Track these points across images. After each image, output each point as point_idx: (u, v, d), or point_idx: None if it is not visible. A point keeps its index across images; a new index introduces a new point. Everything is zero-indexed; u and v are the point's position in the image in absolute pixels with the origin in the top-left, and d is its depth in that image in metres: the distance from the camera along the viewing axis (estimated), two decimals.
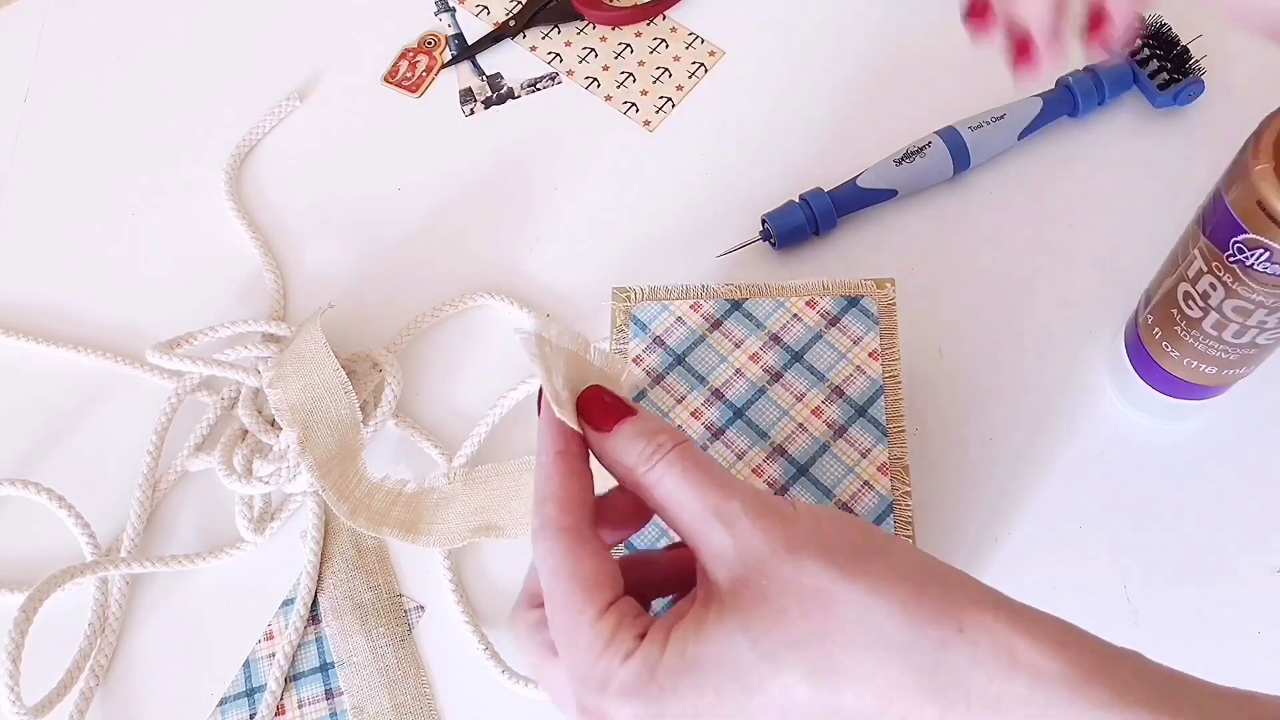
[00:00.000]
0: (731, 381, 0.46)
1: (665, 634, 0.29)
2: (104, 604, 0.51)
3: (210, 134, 0.65)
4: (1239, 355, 0.43)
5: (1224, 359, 0.43)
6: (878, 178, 0.56)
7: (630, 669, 0.29)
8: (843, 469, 0.44)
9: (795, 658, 0.27)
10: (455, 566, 0.51)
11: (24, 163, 0.66)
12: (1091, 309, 0.54)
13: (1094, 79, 0.57)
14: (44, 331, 0.59)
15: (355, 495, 0.52)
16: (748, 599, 0.28)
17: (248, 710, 0.49)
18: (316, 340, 0.53)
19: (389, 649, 0.50)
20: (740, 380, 0.46)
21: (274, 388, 0.53)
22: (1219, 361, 0.44)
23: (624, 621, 0.30)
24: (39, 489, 0.53)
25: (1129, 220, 0.56)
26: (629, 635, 0.29)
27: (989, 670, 0.27)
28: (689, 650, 0.28)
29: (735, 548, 0.29)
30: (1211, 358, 0.44)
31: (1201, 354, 0.44)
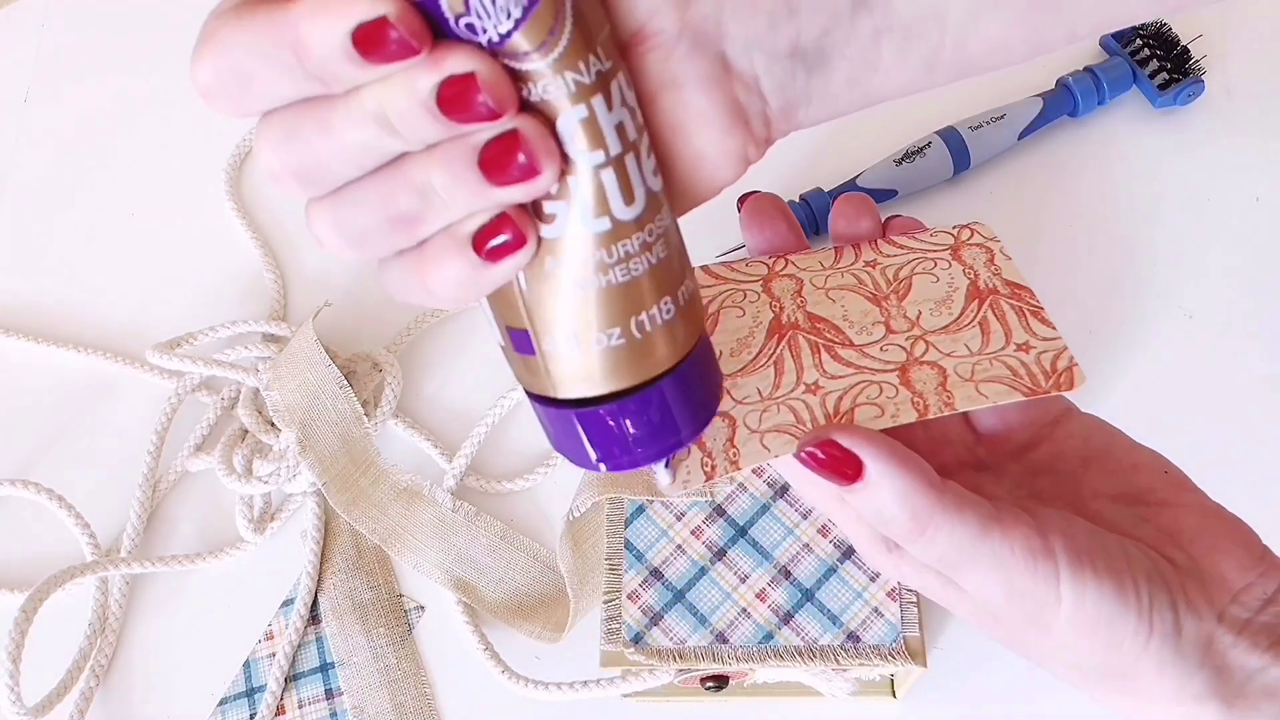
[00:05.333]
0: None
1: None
2: (104, 604, 0.51)
3: (210, 134, 0.65)
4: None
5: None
6: (878, 178, 0.56)
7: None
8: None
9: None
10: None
11: (24, 163, 0.66)
12: (1092, 309, 0.54)
13: (1094, 79, 0.57)
14: (44, 331, 0.59)
15: (359, 485, 0.52)
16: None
17: (248, 710, 0.49)
18: (309, 339, 0.53)
19: (389, 649, 0.50)
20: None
21: (271, 389, 0.53)
22: None
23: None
24: (39, 489, 0.53)
25: (1129, 220, 0.56)
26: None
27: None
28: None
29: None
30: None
31: None
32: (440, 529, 0.51)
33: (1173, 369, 0.52)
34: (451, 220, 0.24)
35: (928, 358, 0.32)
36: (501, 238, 0.24)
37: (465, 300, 0.26)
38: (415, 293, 0.26)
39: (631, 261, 0.25)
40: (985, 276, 0.34)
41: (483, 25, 0.22)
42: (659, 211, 0.26)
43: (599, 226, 0.25)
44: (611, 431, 0.28)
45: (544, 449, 0.54)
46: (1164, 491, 0.32)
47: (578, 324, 0.26)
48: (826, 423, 0.30)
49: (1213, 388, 0.51)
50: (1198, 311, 0.53)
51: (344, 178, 0.24)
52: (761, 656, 0.40)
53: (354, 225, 0.25)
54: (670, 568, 0.42)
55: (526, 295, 0.26)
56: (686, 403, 0.28)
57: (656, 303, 0.26)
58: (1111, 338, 0.53)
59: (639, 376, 0.27)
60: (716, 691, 0.43)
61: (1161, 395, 0.51)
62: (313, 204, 0.25)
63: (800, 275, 0.36)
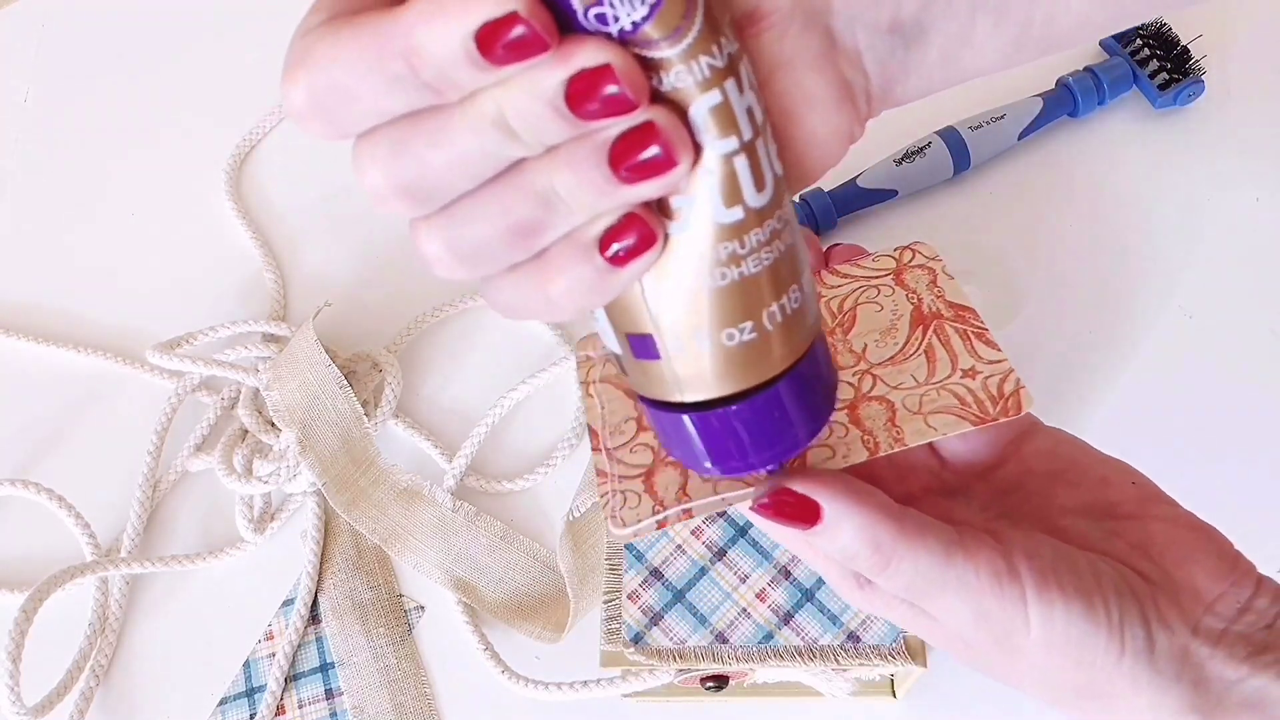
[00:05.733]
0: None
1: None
2: (104, 604, 0.51)
3: (210, 134, 0.65)
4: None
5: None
6: (878, 178, 0.56)
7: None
8: None
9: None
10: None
11: (24, 163, 0.66)
12: (1092, 309, 0.54)
13: (1094, 79, 0.57)
14: (44, 331, 0.59)
15: (359, 485, 0.52)
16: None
17: (248, 710, 0.49)
18: (309, 339, 0.53)
19: (389, 649, 0.50)
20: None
21: (271, 390, 0.53)
22: None
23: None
24: (39, 489, 0.53)
25: (1129, 220, 0.56)
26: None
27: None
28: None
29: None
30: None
31: None
32: (440, 529, 0.51)
33: (1173, 369, 0.52)
34: (574, 225, 0.23)
35: (875, 392, 0.32)
36: (629, 239, 0.23)
37: (588, 310, 0.25)
38: (534, 307, 0.24)
39: (763, 250, 0.24)
40: (928, 300, 0.34)
41: (615, 14, 0.20)
42: (784, 196, 0.25)
43: (731, 217, 0.23)
44: (746, 431, 0.27)
45: (544, 449, 0.54)
46: (1133, 504, 0.32)
47: (707, 322, 0.24)
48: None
49: (1213, 388, 0.51)
50: (1198, 311, 0.53)
51: (457, 191, 0.23)
52: (761, 656, 0.40)
53: (469, 241, 0.23)
54: (670, 568, 0.42)
55: (649, 297, 0.24)
56: (817, 390, 0.27)
57: (786, 291, 0.25)
58: (1111, 338, 0.53)
59: (772, 370, 0.26)
60: (716, 691, 0.43)
61: (1161, 395, 0.51)
62: (420, 223, 0.23)
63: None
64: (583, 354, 0.36)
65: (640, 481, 0.31)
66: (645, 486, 0.31)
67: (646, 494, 0.30)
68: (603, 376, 0.35)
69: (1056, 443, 0.34)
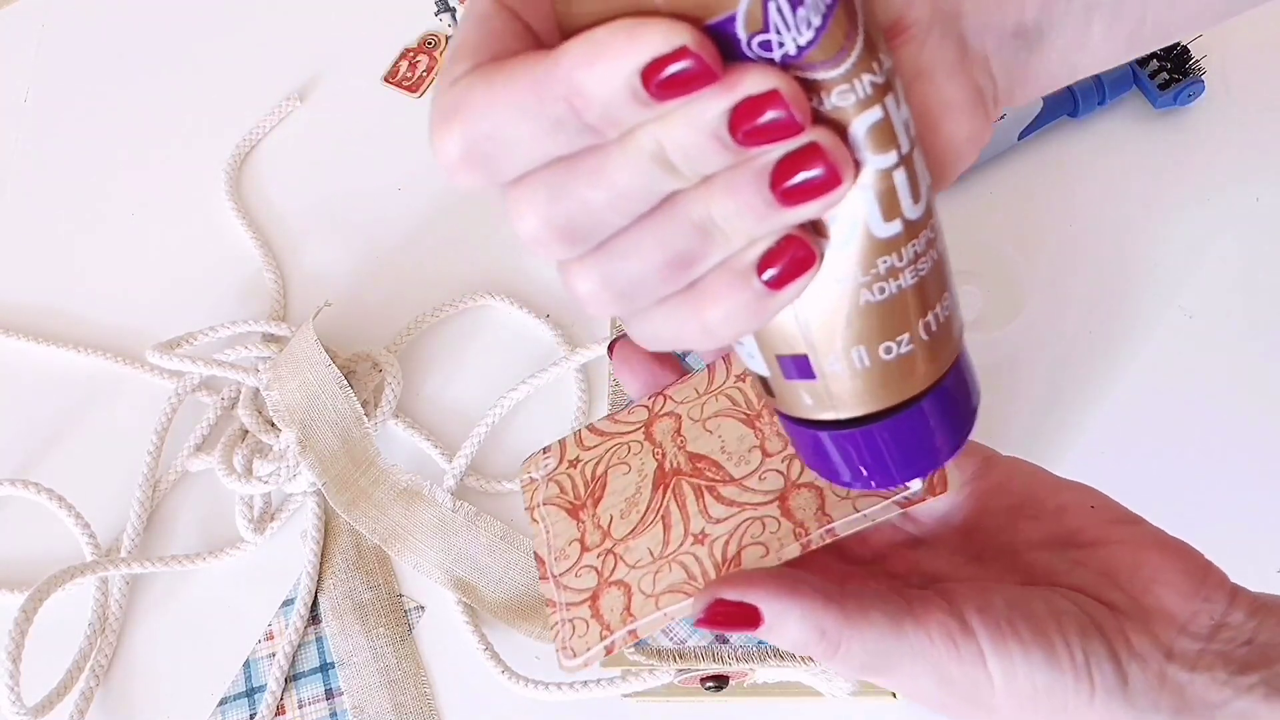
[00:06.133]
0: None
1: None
2: (104, 604, 0.51)
3: (210, 134, 0.65)
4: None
5: None
6: None
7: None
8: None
9: None
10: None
11: (24, 163, 0.66)
12: (1092, 309, 0.54)
13: (1094, 79, 0.57)
14: (44, 331, 0.59)
15: (359, 485, 0.52)
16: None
17: (248, 710, 0.49)
18: (309, 339, 0.53)
19: (389, 649, 0.50)
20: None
21: (271, 390, 0.53)
22: None
23: None
24: (39, 489, 0.53)
25: (1129, 220, 0.56)
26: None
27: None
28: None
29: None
30: None
31: None
32: (440, 529, 0.51)
33: (1173, 369, 0.52)
34: (731, 252, 0.23)
35: (805, 478, 0.31)
36: (787, 261, 0.22)
37: (745, 334, 0.24)
38: (689, 336, 0.24)
39: (919, 262, 0.24)
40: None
41: (780, 40, 0.20)
42: (934, 205, 0.25)
43: (890, 231, 0.23)
44: (902, 445, 0.26)
45: None
46: (1094, 529, 0.31)
47: (865, 338, 0.24)
48: (716, 573, 0.30)
49: (1213, 388, 0.51)
50: (1198, 311, 0.53)
51: (613, 229, 0.22)
52: (761, 656, 0.40)
53: (625, 277, 0.23)
54: None
55: (804, 317, 0.24)
56: (967, 399, 0.27)
57: (940, 301, 0.25)
58: (1111, 338, 0.53)
59: (926, 381, 0.26)
60: (716, 691, 0.43)
61: (1161, 395, 0.51)
62: (574, 263, 0.23)
63: (678, 410, 0.35)
64: (526, 476, 0.36)
65: (586, 607, 0.32)
66: (591, 611, 0.31)
67: (593, 619, 0.31)
68: (545, 499, 0.35)
69: (1010, 475, 0.33)
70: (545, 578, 0.33)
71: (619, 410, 0.37)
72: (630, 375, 0.36)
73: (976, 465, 0.33)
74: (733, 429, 0.34)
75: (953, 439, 0.27)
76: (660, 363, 0.36)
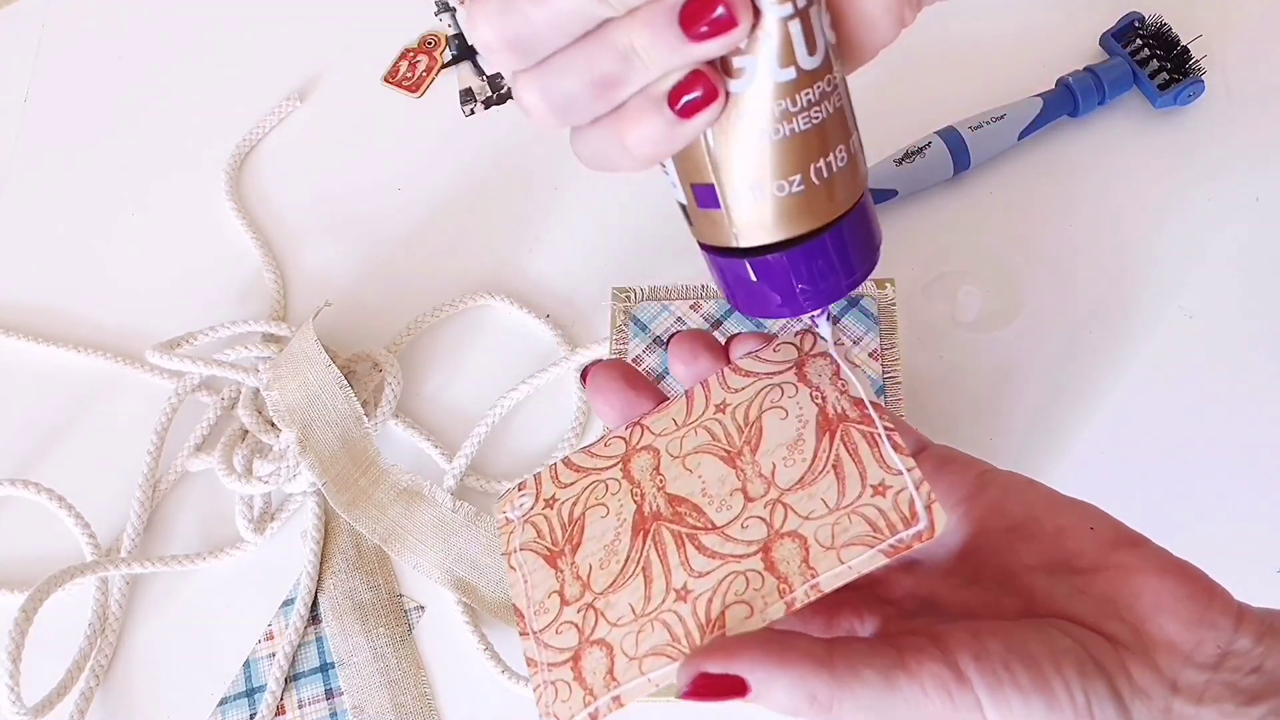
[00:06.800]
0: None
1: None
2: (104, 604, 0.51)
3: (210, 134, 0.65)
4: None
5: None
6: (878, 178, 0.56)
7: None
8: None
9: None
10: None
11: (24, 163, 0.66)
12: (1092, 309, 0.54)
13: (1094, 79, 0.57)
14: (44, 331, 0.59)
15: (359, 485, 0.52)
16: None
17: (248, 710, 0.49)
18: (309, 339, 0.53)
19: (389, 649, 0.50)
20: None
21: (271, 389, 0.53)
22: None
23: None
24: (39, 489, 0.53)
25: (1129, 220, 0.56)
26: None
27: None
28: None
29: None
30: None
31: None
32: (440, 529, 0.51)
33: (1173, 369, 0.52)
34: (649, 81, 0.26)
35: (788, 526, 0.31)
36: (695, 93, 0.26)
37: (659, 158, 0.28)
38: (613, 155, 0.28)
39: (812, 110, 0.27)
40: (833, 399, 0.33)
41: None
42: (834, 64, 0.28)
43: (785, 76, 0.27)
44: (790, 276, 0.30)
45: (544, 449, 0.54)
46: (1093, 553, 0.30)
47: (761, 174, 0.28)
48: (701, 634, 0.30)
49: (1213, 388, 0.51)
50: (1198, 311, 0.53)
51: (553, 47, 0.26)
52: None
53: (560, 91, 0.27)
54: None
55: (713, 149, 0.28)
56: (859, 246, 0.30)
57: (833, 150, 0.28)
58: (1111, 338, 0.53)
59: (819, 221, 0.29)
60: None
61: (1161, 395, 0.51)
62: (520, 75, 0.27)
63: (657, 444, 0.35)
64: (502, 516, 0.36)
65: (569, 668, 0.31)
66: (574, 674, 0.31)
67: (576, 682, 0.31)
68: (522, 544, 0.34)
69: (1009, 493, 0.32)
70: (525, 634, 0.33)
71: (595, 443, 0.36)
72: (604, 403, 0.36)
73: (971, 484, 0.32)
74: (713, 468, 0.33)
75: (842, 280, 0.30)
76: (636, 389, 0.35)
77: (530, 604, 0.33)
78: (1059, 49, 0.60)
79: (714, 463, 0.33)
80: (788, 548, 0.30)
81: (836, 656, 0.28)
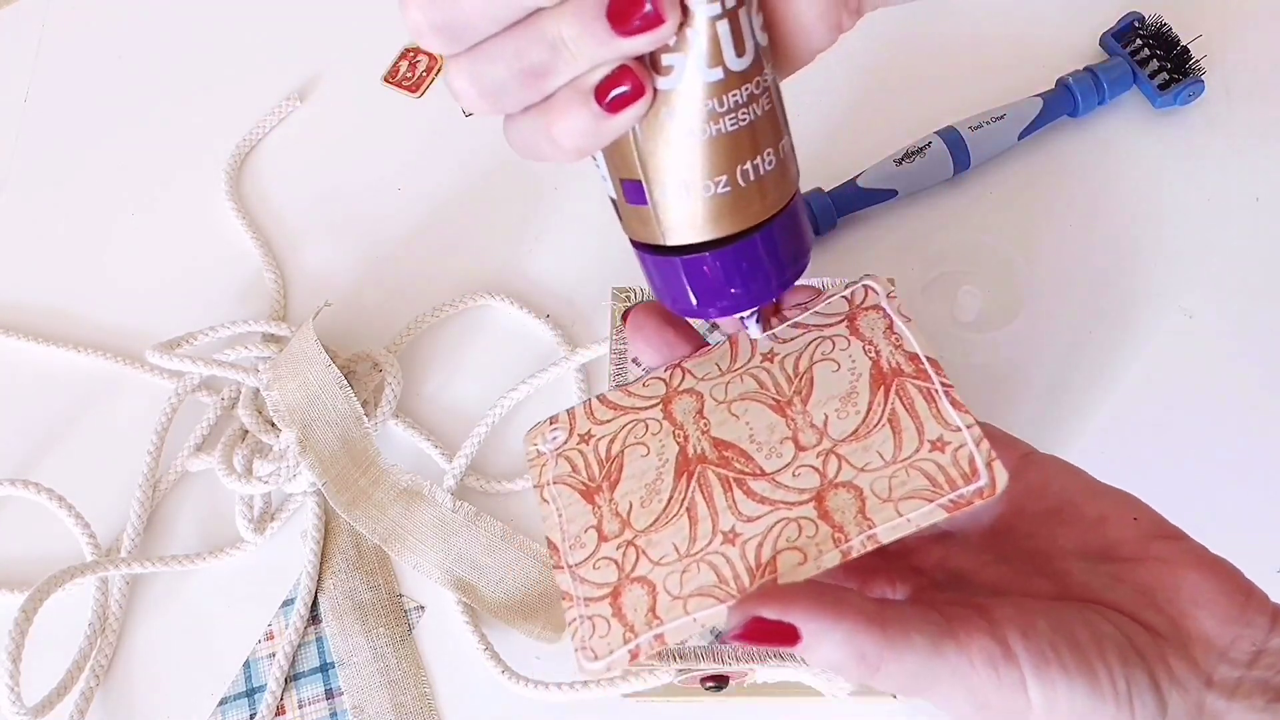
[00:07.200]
0: None
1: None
2: (104, 604, 0.51)
3: (210, 134, 0.65)
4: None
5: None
6: (878, 178, 0.56)
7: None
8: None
9: None
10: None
11: (24, 163, 0.66)
12: (1092, 309, 0.54)
13: (1094, 79, 0.57)
14: (44, 331, 0.59)
15: (359, 485, 0.52)
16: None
17: (248, 710, 0.49)
18: (309, 339, 0.53)
19: (389, 649, 0.50)
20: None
21: (271, 389, 0.53)
22: None
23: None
24: (39, 489, 0.53)
25: (1129, 220, 0.56)
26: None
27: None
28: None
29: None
30: None
31: None
32: (440, 529, 0.51)
33: (1173, 369, 0.52)
34: (577, 73, 0.26)
35: (842, 477, 0.30)
36: (622, 88, 0.26)
37: (586, 151, 0.28)
38: (541, 145, 0.28)
39: (740, 112, 0.27)
40: (886, 353, 0.32)
41: None
42: (764, 67, 0.28)
43: (712, 76, 0.27)
44: (719, 276, 0.30)
45: None
46: (1134, 543, 0.30)
47: (688, 173, 0.28)
48: (750, 578, 0.29)
49: (1213, 388, 0.51)
50: (1198, 311, 0.53)
51: (482, 34, 0.26)
52: (761, 656, 0.40)
53: (489, 78, 0.27)
54: None
55: (641, 146, 0.28)
56: (786, 251, 0.30)
57: (761, 153, 0.28)
58: (1111, 338, 0.53)
59: (745, 223, 0.29)
60: (716, 691, 0.43)
61: (1161, 395, 0.51)
62: (452, 60, 0.27)
63: (699, 388, 0.34)
64: (532, 449, 0.35)
65: (607, 604, 0.30)
66: (612, 609, 0.30)
67: (615, 618, 0.30)
68: (555, 478, 0.34)
69: (1050, 476, 0.32)
70: (560, 567, 0.31)
71: (632, 382, 0.35)
72: (645, 343, 0.35)
73: (1014, 463, 0.32)
74: (762, 416, 0.32)
75: (772, 280, 0.30)
76: (676, 330, 0.35)
77: (565, 538, 0.32)
78: (1059, 49, 0.60)
79: (762, 410, 0.33)
80: (842, 498, 0.30)
81: (889, 617, 0.27)
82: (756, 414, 0.33)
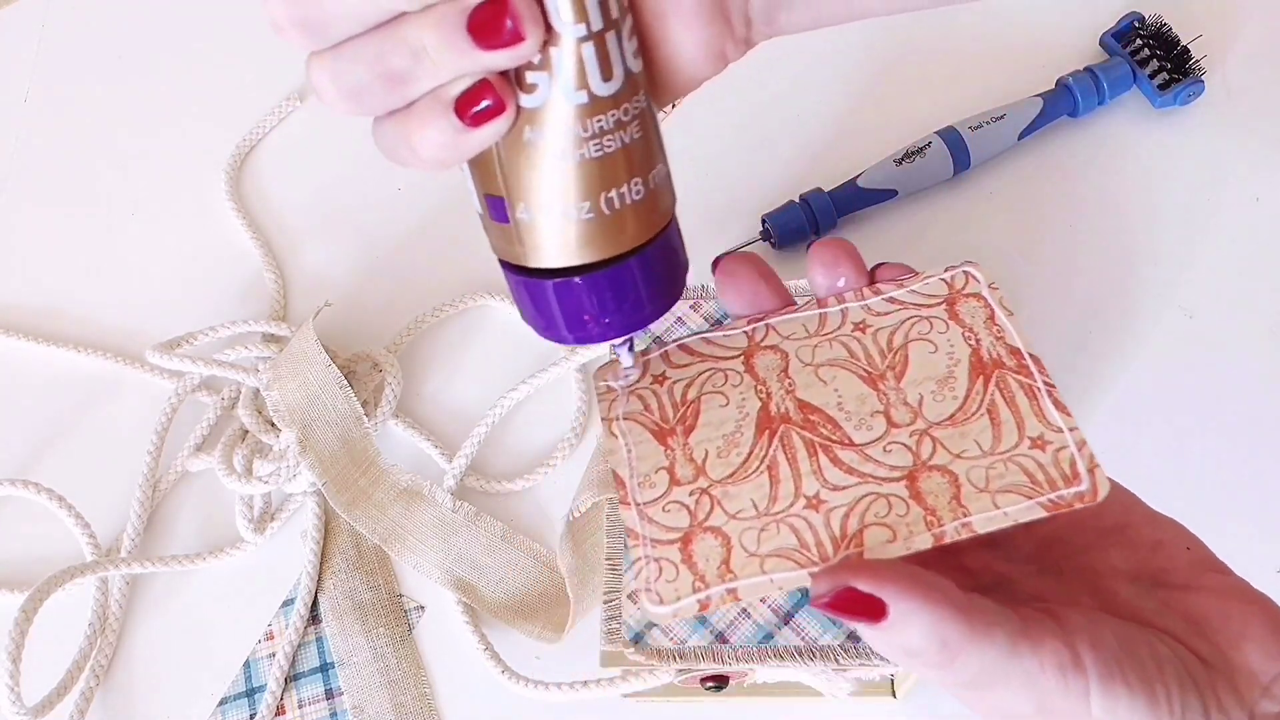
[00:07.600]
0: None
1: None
2: (104, 604, 0.51)
3: (210, 134, 0.65)
4: None
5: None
6: (878, 178, 0.56)
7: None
8: None
9: None
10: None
11: (24, 163, 0.66)
12: (1092, 309, 0.54)
13: (1094, 79, 0.57)
14: (44, 331, 0.59)
15: (359, 485, 0.52)
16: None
17: (248, 710, 0.49)
18: (309, 339, 0.53)
19: (389, 649, 0.50)
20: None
21: (271, 389, 0.53)
22: None
23: None
24: (39, 489, 0.53)
25: (1129, 220, 0.56)
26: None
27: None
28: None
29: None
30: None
31: None
32: (440, 529, 0.51)
33: (1173, 369, 0.52)
34: (439, 83, 0.26)
35: (937, 460, 0.29)
36: (483, 103, 0.26)
37: (446, 163, 0.27)
38: (402, 152, 0.27)
39: (606, 138, 0.26)
40: (987, 343, 0.31)
41: None
42: (637, 93, 0.27)
43: (577, 99, 0.26)
44: (579, 303, 0.29)
45: (544, 449, 0.54)
46: (1184, 572, 0.30)
47: (550, 195, 0.27)
48: (834, 548, 0.28)
49: (1213, 388, 0.51)
50: (1198, 311, 0.53)
51: (345, 33, 0.26)
52: (761, 656, 0.40)
53: (350, 79, 0.26)
54: None
55: (504, 163, 0.27)
56: (652, 283, 0.29)
57: (628, 181, 0.27)
58: (1111, 338, 0.53)
59: (607, 251, 0.28)
60: (716, 691, 0.43)
61: (1161, 395, 0.51)
62: (313, 56, 0.26)
63: (784, 347, 0.33)
64: (602, 384, 0.34)
65: (676, 549, 0.29)
66: (682, 556, 0.29)
67: (684, 564, 0.28)
68: (625, 413, 0.33)
69: (1108, 498, 0.32)
70: (626, 503, 0.30)
71: (712, 330, 0.34)
72: (734, 291, 0.34)
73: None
74: (851, 385, 0.31)
75: (630, 315, 0.29)
76: (769, 283, 0.34)
77: (634, 474, 0.31)
78: (1059, 49, 0.60)
79: (852, 379, 0.32)
80: (936, 481, 0.29)
81: (975, 609, 0.27)
82: (846, 382, 0.32)
